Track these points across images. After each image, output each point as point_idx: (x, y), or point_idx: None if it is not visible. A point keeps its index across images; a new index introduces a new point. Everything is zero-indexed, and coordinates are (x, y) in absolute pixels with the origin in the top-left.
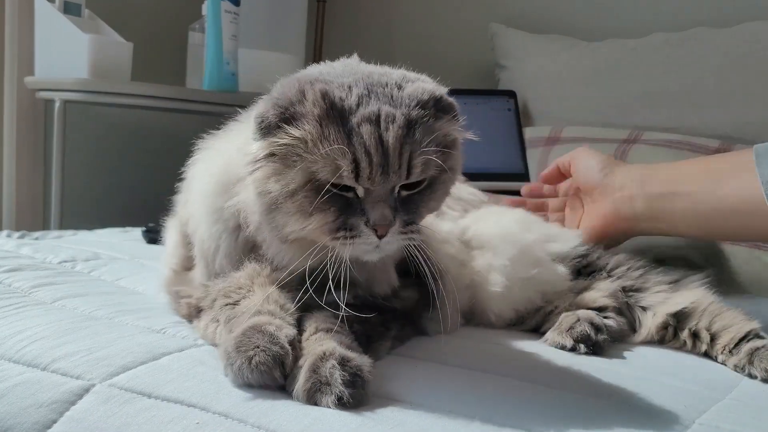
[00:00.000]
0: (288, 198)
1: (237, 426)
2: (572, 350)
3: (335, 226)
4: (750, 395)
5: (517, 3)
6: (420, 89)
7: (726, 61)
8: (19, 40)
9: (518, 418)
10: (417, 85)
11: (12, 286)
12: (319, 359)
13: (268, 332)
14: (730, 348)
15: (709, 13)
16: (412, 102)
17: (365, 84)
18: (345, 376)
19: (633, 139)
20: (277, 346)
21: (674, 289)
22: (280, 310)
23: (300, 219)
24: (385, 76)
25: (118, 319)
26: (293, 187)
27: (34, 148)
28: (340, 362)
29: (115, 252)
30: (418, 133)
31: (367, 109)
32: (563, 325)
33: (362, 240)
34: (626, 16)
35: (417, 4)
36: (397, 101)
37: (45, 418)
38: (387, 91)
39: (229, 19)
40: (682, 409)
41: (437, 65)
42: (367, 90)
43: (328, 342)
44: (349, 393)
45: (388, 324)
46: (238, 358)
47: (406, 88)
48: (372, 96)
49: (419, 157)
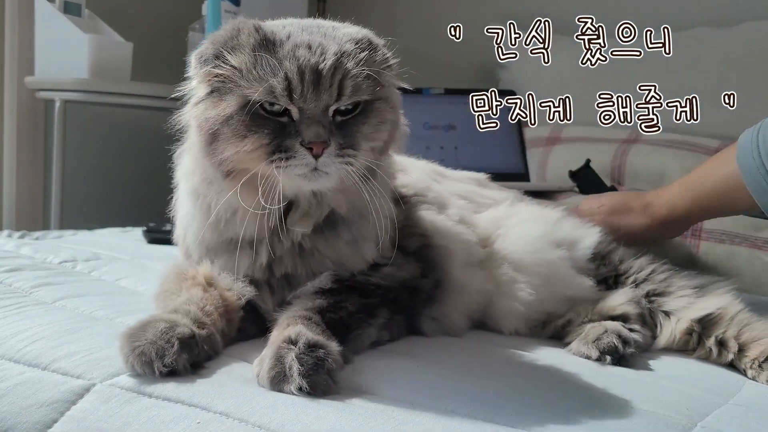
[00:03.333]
0: (224, 123)
1: (238, 425)
2: (597, 361)
3: (271, 149)
4: (752, 400)
5: (517, 3)
6: (356, 31)
7: (726, 61)
8: (19, 40)
9: (518, 418)
10: (354, 28)
11: (12, 286)
12: (282, 347)
13: (160, 328)
14: (760, 362)
15: (709, 13)
16: (345, 38)
17: (301, 26)
18: (307, 364)
19: (633, 139)
20: (163, 341)
21: (699, 294)
22: (200, 312)
23: (236, 142)
24: (325, 23)
25: (118, 319)
26: (229, 112)
27: (34, 147)
28: (306, 348)
29: (116, 252)
30: (348, 60)
31: (299, 38)
32: (590, 335)
33: (298, 161)
34: (626, 16)
35: (417, 4)
36: (330, 37)
37: (46, 417)
38: (322, 30)
39: (230, 19)
40: (683, 413)
41: (437, 65)
42: (301, 29)
43: (293, 327)
44: (307, 382)
45: (372, 311)
46: (126, 347)
47: (341, 29)
48: (305, 32)
49: (349, 81)
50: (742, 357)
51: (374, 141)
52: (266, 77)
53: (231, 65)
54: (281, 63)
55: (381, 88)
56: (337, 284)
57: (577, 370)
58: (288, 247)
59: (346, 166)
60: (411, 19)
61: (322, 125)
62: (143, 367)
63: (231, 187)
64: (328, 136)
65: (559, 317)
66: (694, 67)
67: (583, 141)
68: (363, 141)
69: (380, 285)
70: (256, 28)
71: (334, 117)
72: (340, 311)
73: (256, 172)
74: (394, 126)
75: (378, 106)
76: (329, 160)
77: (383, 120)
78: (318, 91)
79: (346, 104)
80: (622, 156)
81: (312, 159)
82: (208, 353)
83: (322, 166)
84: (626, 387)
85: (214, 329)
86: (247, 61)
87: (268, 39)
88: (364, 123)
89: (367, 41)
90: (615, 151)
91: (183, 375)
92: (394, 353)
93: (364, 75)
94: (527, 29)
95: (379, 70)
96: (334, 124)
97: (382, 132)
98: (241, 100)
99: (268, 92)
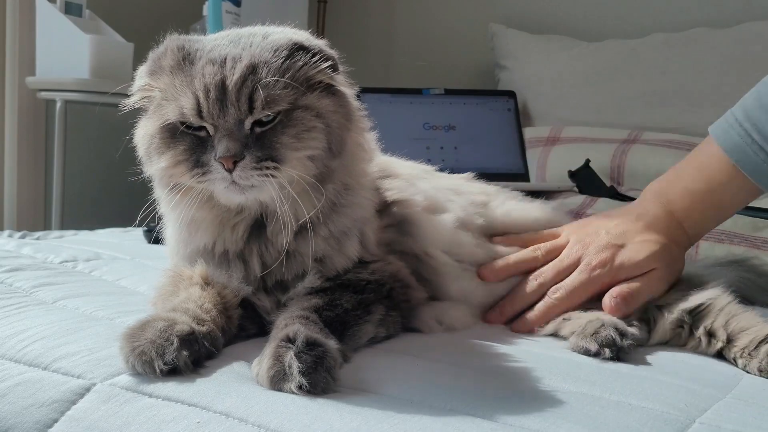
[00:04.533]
0: (149, 141)
1: (238, 425)
2: (596, 355)
3: (190, 165)
4: (751, 394)
5: (517, 3)
6: (283, 37)
7: (726, 61)
8: (20, 41)
9: (515, 415)
10: (282, 34)
11: (13, 286)
12: (281, 346)
13: (159, 327)
14: (749, 350)
15: (709, 13)
16: (268, 46)
17: (232, 38)
18: (306, 362)
19: (633, 139)
20: (162, 339)
21: (690, 288)
22: (198, 309)
23: (157, 158)
24: (260, 31)
25: (119, 319)
26: (151, 131)
27: (35, 148)
28: (305, 346)
29: (116, 252)
30: (264, 71)
31: (214, 53)
32: (587, 329)
33: (214, 175)
34: (626, 16)
35: (417, 4)
36: (253, 47)
37: (46, 417)
38: (249, 40)
39: (230, 19)
40: (682, 408)
41: (437, 65)
42: (229, 41)
43: (291, 326)
44: (307, 380)
45: (368, 307)
46: (126, 347)
47: (272, 36)
48: (231, 45)
49: (262, 92)
50: (732, 347)
51: (305, 150)
52: (178, 97)
53: (156, 86)
54: (192, 81)
55: (306, 95)
56: (329, 282)
57: (575, 366)
58: (275, 256)
59: (267, 178)
60: (411, 20)
61: (235, 139)
62: (144, 366)
63: (175, 201)
64: (241, 149)
65: None
66: (694, 67)
67: (582, 141)
68: (288, 151)
69: (370, 280)
70: (179, 47)
71: (253, 129)
72: (336, 309)
73: (191, 186)
74: (332, 131)
75: (298, 114)
76: (245, 173)
77: (308, 128)
78: (224, 107)
79: (262, 116)
80: (621, 156)
81: (226, 173)
82: (209, 350)
83: (239, 180)
84: (624, 383)
85: (213, 326)
86: (167, 81)
87: (189, 58)
88: (284, 133)
89: (294, 46)
90: (614, 151)
91: (184, 372)
92: (392, 351)
93: (281, 84)
94: (527, 29)
95: (311, 76)
96: (252, 136)
97: (310, 140)
98: (160, 119)
99: (179, 112)
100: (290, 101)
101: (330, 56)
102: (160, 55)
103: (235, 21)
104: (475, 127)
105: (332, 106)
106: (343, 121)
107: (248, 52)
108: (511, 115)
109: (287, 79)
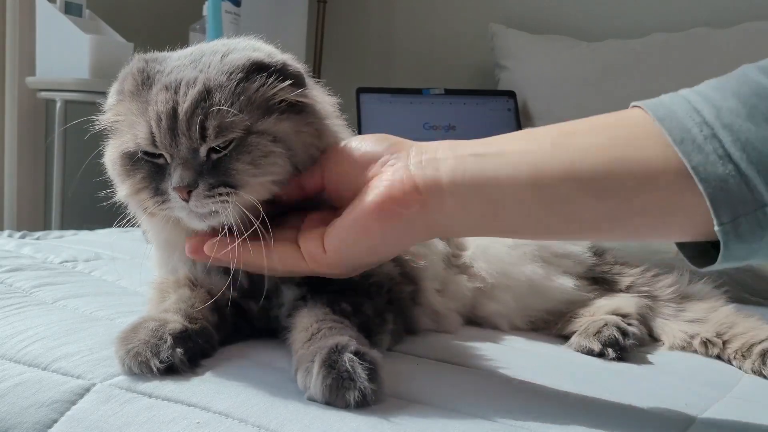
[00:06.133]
0: (112, 167)
1: (237, 425)
2: (600, 355)
3: (151, 192)
4: (751, 393)
5: (517, 3)
6: (241, 56)
7: (726, 61)
8: (20, 41)
9: (519, 416)
10: (241, 53)
11: (13, 286)
12: (333, 352)
13: (151, 327)
14: (742, 352)
15: (709, 13)
16: (225, 67)
17: (195, 56)
18: (367, 371)
19: None
20: (155, 338)
21: (687, 299)
22: (190, 308)
23: (119, 185)
24: (223, 47)
25: (119, 319)
26: (113, 156)
27: (35, 148)
28: (357, 356)
29: (116, 252)
30: (218, 96)
31: (169, 77)
32: (590, 329)
33: (172, 204)
34: (626, 16)
35: (417, 4)
36: (210, 68)
37: (46, 417)
38: (209, 59)
39: (230, 19)
40: (682, 407)
41: (437, 65)
42: (190, 61)
43: (338, 335)
44: (371, 389)
45: (383, 315)
46: (120, 350)
47: (231, 54)
48: (191, 66)
49: (214, 120)
50: (726, 349)
51: (264, 176)
52: (134, 125)
53: (118, 111)
54: (146, 109)
55: (264, 119)
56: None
57: (577, 366)
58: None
59: (222, 204)
60: (411, 20)
61: (189, 168)
62: (140, 367)
63: (148, 223)
64: (195, 178)
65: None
66: (694, 67)
67: None
68: (245, 176)
69: (371, 282)
70: (139, 70)
71: (209, 155)
72: (359, 315)
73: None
74: (295, 153)
75: (253, 140)
76: (200, 202)
77: (264, 153)
78: (175, 136)
79: (215, 144)
80: None
81: (183, 202)
82: (204, 347)
83: (195, 209)
84: (625, 383)
85: (206, 323)
86: (126, 107)
87: (147, 82)
88: (239, 160)
89: (251, 67)
90: None
91: (181, 370)
92: (392, 352)
93: (236, 109)
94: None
95: (268, 96)
96: (209, 163)
97: (268, 165)
98: (119, 146)
99: (134, 141)
100: (244, 128)
101: (293, 73)
102: (124, 77)
103: (235, 21)
104: (476, 127)
105: (295, 127)
106: (310, 139)
107: (204, 76)
108: (511, 115)
109: (241, 103)
